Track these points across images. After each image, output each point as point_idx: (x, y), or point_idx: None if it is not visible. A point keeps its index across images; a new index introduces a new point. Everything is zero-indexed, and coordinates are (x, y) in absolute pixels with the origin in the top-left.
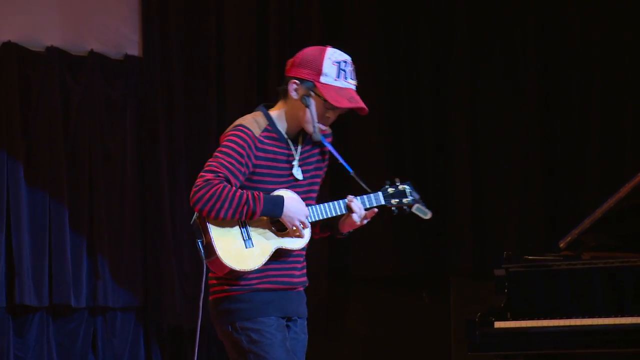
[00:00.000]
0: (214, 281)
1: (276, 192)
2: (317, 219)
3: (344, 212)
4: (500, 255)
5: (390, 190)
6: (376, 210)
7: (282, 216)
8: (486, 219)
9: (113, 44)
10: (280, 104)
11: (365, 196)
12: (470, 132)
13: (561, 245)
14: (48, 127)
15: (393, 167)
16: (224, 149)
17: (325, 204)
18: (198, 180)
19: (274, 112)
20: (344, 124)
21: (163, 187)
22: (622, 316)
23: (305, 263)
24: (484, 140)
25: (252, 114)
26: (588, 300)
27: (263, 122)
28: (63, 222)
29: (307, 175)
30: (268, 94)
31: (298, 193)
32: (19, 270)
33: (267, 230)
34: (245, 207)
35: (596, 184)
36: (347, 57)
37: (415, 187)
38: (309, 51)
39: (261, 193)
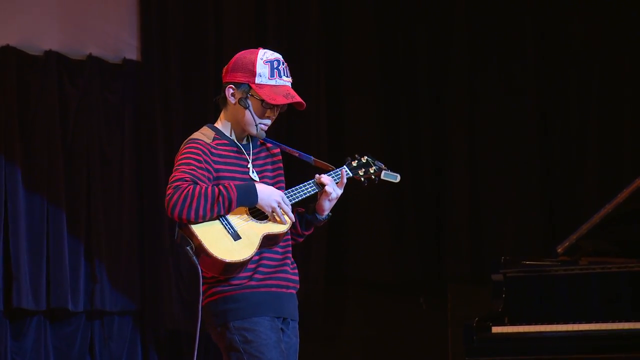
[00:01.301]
0: (206, 286)
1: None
2: (293, 201)
3: (316, 189)
4: (498, 260)
5: (354, 163)
6: (345, 181)
7: (258, 202)
8: (484, 224)
9: (111, 49)
10: (222, 114)
11: (332, 172)
12: (468, 137)
13: (559, 250)
14: (46, 131)
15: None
16: (181, 161)
17: (296, 187)
18: (168, 190)
19: (218, 124)
20: (341, 131)
21: (161, 191)
22: (619, 321)
23: (295, 264)
24: (481, 145)
25: (199, 130)
26: (585, 306)
27: (210, 134)
28: (61, 226)
29: (262, 175)
30: None
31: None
32: (16, 274)
33: (249, 221)
34: (221, 198)
35: (594, 189)
36: (279, 56)
37: (385, 151)
38: (241, 55)
39: (232, 182)
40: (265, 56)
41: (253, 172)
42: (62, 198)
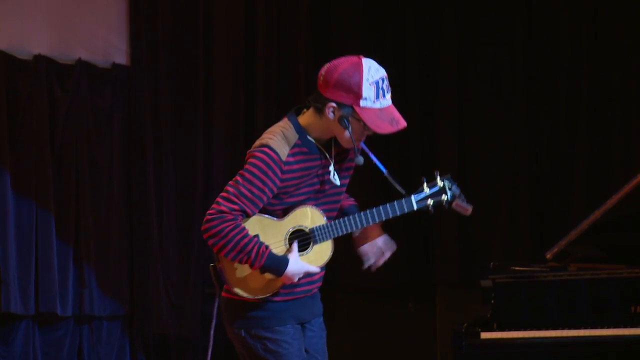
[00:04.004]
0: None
1: (290, 250)
2: (342, 233)
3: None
4: (487, 265)
5: (427, 188)
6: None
7: (282, 276)
8: (473, 229)
9: (101, 53)
10: (313, 116)
11: (395, 203)
12: (457, 142)
13: (548, 256)
14: (35, 136)
15: (380, 177)
16: (246, 174)
17: (352, 217)
18: (213, 206)
19: (305, 121)
20: None
21: (150, 196)
22: (607, 327)
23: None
24: (470, 150)
25: (282, 125)
26: (574, 312)
27: (293, 137)
28: (49, 231)
29: (343, 177)
30: (255, 102)
31: (331, 195)
32: (5, 278)
33: (286, 252)
34: (245, 257)
35: (583, 195)
36: (383, 73)
37: (454, 180)
38: (345, 71)
39: (269, 248)
40: (370, 75)
41: (334, 175)
42: (51, 202)
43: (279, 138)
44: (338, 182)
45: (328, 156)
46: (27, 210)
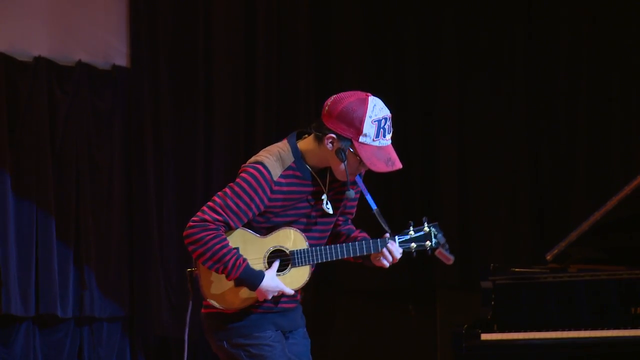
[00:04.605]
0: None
1: (269, 266)
2: (329, 259)
3: (362, 253)
4: (487, 267)
5: (412, 232)
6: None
7: (256, 290)
8: (473, 231)
9: (101, 55)
10: (312, 143)
11: (379, 241)
12: (458, 145)
13: (548, 257)
14: (35, 137)
15: (381, 181)
16: (235, 187)
17: (347, 245)
18: (198, 214)
19: (304, 147)
20: None
21: (150, 198)
22: (608, 329)
23: None
24: (470, 152)
25: (280, 147)
26: (574, 313)
27: (288, 159)
28: (50, 232)
29: (337, 206)
30: (255, 103)
31: (321, 224)
32: (5, 280)
33: (263, 270)
34: (222, 267)
35: (583, 196)
36: (387, 113)
37: (440, 228)
38: (350, 105)
39: (246, 261)
40: (374, 114)
41: (327, 203)
42: (51, 204)
43: (274, 158)
44: (331, 211)
45: (322, 184)
46: (27, 212)
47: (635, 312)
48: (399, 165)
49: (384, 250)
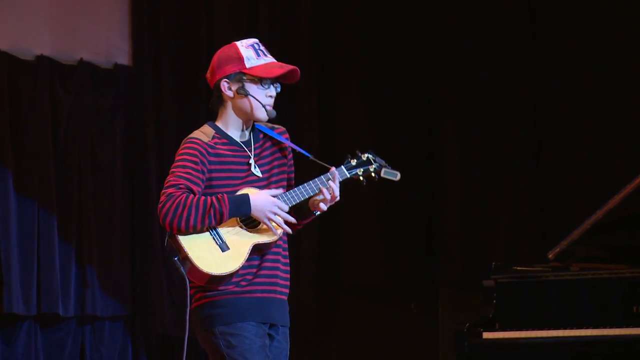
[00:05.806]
0: (194, 290)
1: (239, 192)
2: (292, 204)
3: (316, 191)
4: (489, 265)
5: (353, 162)
6: (337, 184)
7: (252, 212)
8: (475, 229)
9: (103, 53)
10: (222, 110)
11: (323, 176)
12: (460, 142)
13: (550, 256)
14: (37, 136)
15: (383, 182)
16: (178, 162)
17: (297, 187)
18: (161, 197)
19: (218, 122)
20: (332, 131)
21: (152, 197)
22: (610, 327)
23: (288, 274)
24: (473, 150)
25: (199, 129)
26: (576, 312)
27: (210, 132)
28: (52, 231)
29: (265, 169)
30: None
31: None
32: (7, 279)
33: (238, 230)
34: (212, 210)
35: (585, 195)
36: (256, 39)
37: (377, 153)
38: (220, 52)
39: (225, 194)
40: (244, 43)
41: (255, 167)
42: (53, 203)
43: (197, 133)
44: (259, 174)
45: (247, 149)
46: (29, 211)
47: (637, 311)
48: (291, 66)
49: (328, 186)
